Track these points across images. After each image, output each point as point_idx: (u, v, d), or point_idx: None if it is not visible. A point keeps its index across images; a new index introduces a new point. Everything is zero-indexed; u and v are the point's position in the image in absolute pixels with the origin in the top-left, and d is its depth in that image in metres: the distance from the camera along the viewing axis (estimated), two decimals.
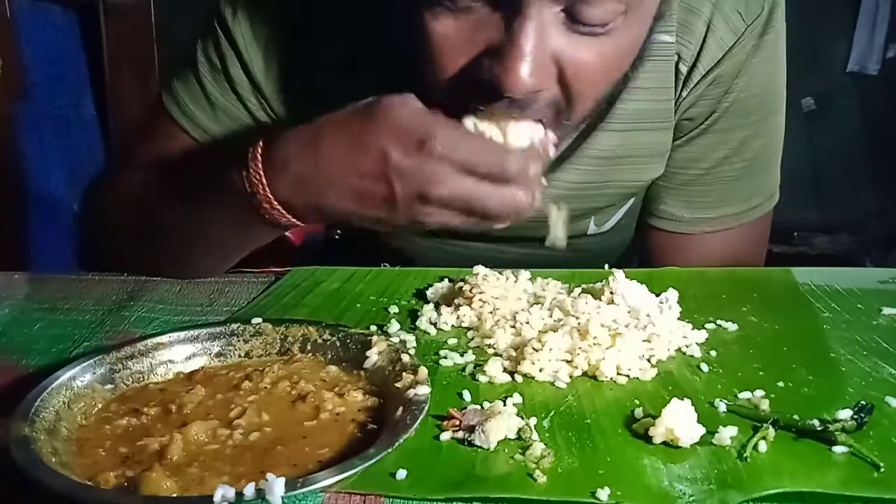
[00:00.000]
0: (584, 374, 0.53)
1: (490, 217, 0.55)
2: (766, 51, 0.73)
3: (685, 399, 0.45)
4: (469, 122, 0.57)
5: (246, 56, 0.75)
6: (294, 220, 0.58)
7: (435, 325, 0.61)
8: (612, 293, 0.61)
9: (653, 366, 0.54)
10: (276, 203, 0.57)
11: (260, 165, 0.56)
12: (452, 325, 0.61)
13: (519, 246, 0.84)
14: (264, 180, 0.56)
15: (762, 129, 0.78)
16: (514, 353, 0.55)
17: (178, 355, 0.52)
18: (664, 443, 0.43)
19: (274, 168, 0.56)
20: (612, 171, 0.76)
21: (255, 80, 0.76)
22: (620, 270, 0.63)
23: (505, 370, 0.53)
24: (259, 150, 0.57)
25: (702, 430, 0.43)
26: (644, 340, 0.56)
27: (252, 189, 0.57)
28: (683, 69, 0.72)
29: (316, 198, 0.56)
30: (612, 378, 0.52)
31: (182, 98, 0.78)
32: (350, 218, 0.56)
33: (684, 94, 0.74)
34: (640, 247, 0.88)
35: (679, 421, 0.43)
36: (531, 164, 0.54)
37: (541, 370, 0.53)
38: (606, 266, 0.72)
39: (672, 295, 0.64)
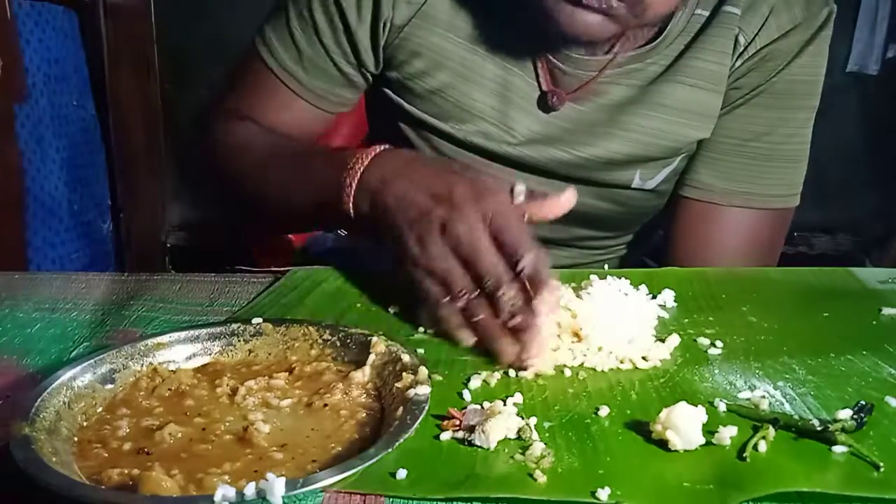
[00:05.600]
0: (584, 374, 0.53)
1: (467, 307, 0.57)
2: (817, 46, 0.82)
3: (685, 399, 0.45)
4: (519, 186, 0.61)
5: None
6: (355, 216, 0.65)
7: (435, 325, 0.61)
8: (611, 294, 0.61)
9: (653, 366, 0.54)
10: (351, 201, 0.65)
11: (358, 173, 0.64)
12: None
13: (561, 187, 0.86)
14: (354, 183, 0.64)
15: (794, 119, 0.85)
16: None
17: (178, 355, 0.52)
18: (664, 442, 0.43)
19: (368, 174, 0.64)
20: (668, 123, 0.82)
21: (347, 18, 0.80)
22: (622, 271, 0.63)
23: (504, 373, 0.53)
24: (362, 162, 0.64)
25: (702, 431, 0.43)
26: (644, 340, 0.56)
27: (343, 183, 0.65)
28: (742, 40, 0.81)
29: (382, 202, 0.62)
30: (611, 375, 0.52)
31: (273, 45, 0.83)
32: (387, 224, 0.62)
33: (738, 63, 0.82)
34: (667, 223, 0.92)
35: (679, 421, 0.43)
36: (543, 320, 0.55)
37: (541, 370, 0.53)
38: (603, 266, 0.72)
39: (669, 295, 0.64)
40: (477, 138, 0.83)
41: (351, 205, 0.65)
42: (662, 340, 0.57)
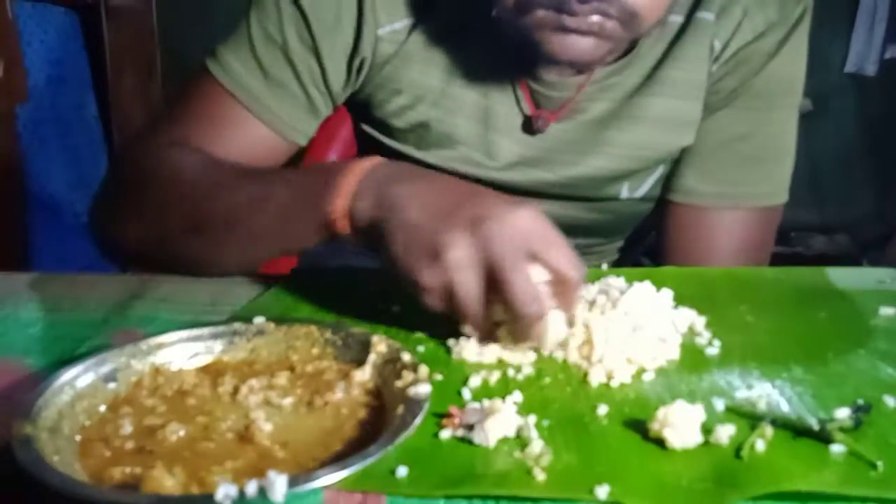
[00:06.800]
0: (584, 374, 0.53)
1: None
2: (794, 43, 0.82)
3: (684, 398, 0.45)
4: None
5: (311, 17, 0.77)
6: (348, 230, 0.60)
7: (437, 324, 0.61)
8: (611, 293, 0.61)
9: (653, 366, 0.54)
10: (347, 202, 0.59)
11: (360, 172, 0.59)
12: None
13: (549, 203, 0.86)
14: (355, 181, 0.59)
15: (777, 118, 0.84)
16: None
17: (180, 355, 0.52)
18: (662, 441, 0.44)
19: (374, 173, 0.59)
20: (650, 135, 0.82)
21: (317, 45, 0.77)
22: (620, 270, 0.64)
23: (504, 373, 0.54)
24: (362, 166, 0.60)
25: (700, 430, 0.44)
26: (642, 340, 0.56)
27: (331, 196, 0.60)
28: (717, 46, 0.80)
29: (391, 197, 0.57)
30: (610, 376, 0.53)
31: (231, 66, 0.78)
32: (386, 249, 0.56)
33: (714, 68, 0.81)
34: (658, 228, 0.92)
35: (678, 420, 0.43)
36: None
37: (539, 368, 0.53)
38: (600, 267, 0.72)
39: (667, 294, 0.64)
40: (459, 164, 0.82)
41: (346, 207, 0.59)
42: (663, 340, 0.57)
